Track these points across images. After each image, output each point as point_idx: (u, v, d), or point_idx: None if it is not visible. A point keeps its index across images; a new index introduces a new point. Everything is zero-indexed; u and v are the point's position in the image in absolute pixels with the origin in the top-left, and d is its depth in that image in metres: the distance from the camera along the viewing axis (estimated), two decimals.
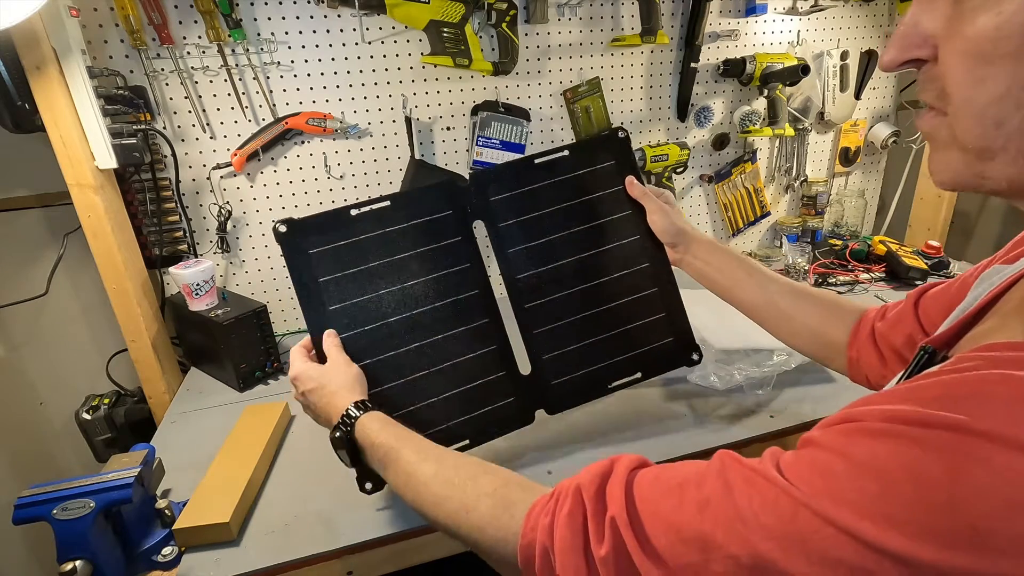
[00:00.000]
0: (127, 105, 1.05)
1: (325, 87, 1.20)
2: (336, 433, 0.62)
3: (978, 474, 0.28)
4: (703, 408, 0.92)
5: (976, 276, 0.51)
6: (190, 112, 1.13)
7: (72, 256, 1.20)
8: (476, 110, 1.31)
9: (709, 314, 0.85)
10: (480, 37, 1.24)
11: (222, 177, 1.19)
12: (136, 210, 1.14)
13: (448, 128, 1.32)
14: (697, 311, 0.83)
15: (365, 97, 1.23)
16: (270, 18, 1.13)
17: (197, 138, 1.15)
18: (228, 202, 1.20)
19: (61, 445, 1.33)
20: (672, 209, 0.79)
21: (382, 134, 1.27)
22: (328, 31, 1.17)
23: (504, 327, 0.79)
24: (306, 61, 1.17)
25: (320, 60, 1.18)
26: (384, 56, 1.22)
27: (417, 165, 1.26)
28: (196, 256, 1.20)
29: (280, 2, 1.12)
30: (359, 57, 1.20)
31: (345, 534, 0.72)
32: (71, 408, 1.13)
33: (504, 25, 1.21)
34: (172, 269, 1.08)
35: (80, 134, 0.95)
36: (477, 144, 1.32)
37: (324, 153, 1.24)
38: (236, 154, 1.15)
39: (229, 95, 1.14)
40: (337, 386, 0.66)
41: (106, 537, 0.66)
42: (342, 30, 1.17)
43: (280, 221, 0.70)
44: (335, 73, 1.20)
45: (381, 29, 1.20)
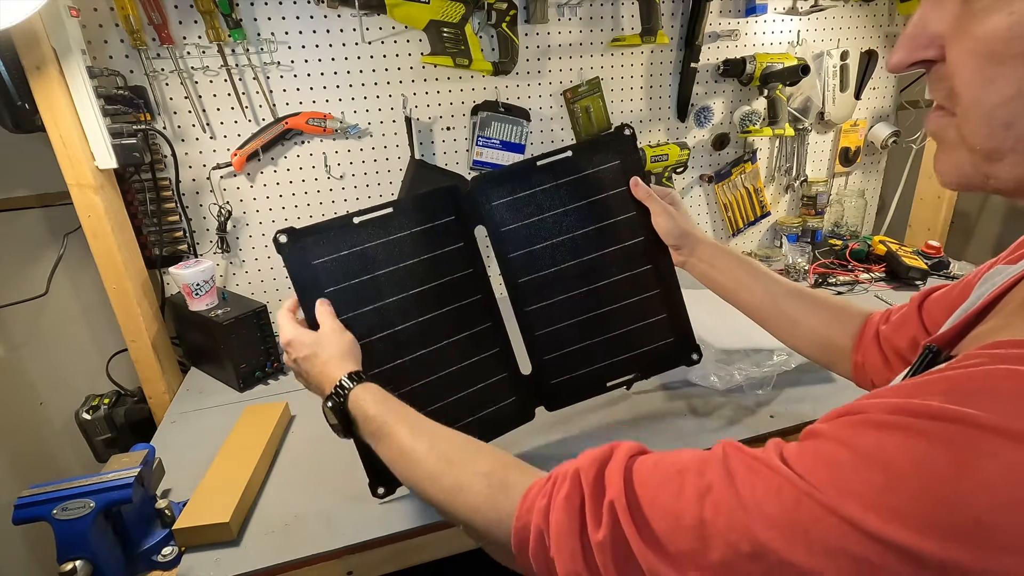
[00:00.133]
0: (127, 105, 1.05)
1: (325, 87, 1.20)
2: (329, 403, 0.61)
3: (985, 468, 0.28)
4: (703, 408, 0.92)
5: (979, 277, 0.51)
6: (190, 112, 1.13)
7: (72, 256, 1.20)
8: (476, 110, 1.31)
9: (709, 314, 0.85)
10: (480, 37, 1.24)
11: (222, 177, 1.19)
12: (136, 210, 1.14)
13: (448, 128, 1.32)
14: (697, 311, 0.83)
15: (365, 97, 1.23)
16: (270, 18, 1.13)
17: (197, 138, 1.15)
18: (228, 202, 1.20)
19: (61, 445, 1.33)
20: (677, 211, 0.78)
21: (382, 134, 1.27)
22: (328, 31, 1.17)
23: (505, 328, 0.78)
24: (306, 61, 1.17)
25: (320, 60, 1.18)
26: (384, 56, 1.22)
27: (417, 165, 1.26)
28: (196, 256, 1.20)
29: (280, 2, 1.12)
30: (359, 57, 1.20)
31: (345, 534, 0.71)
32: (71, 408, 1.13)
33: (504, 25, 1.21)
34: (172, 269, 1.08)
35: (80, 134, 0.95)
36: (477, 144, 1.32)
37: (324, 153, 1.24)
38: (236, 154, 1.15)
39: (229, 95, 1.14)
40: (331, 354, 0.64)
41: (106, 537, 0.66)
42: (342, 30, 1.17)
43: (281, 231, 0.67)
44: (335, 73, 1.20)
45: (381, 29, 1.20)
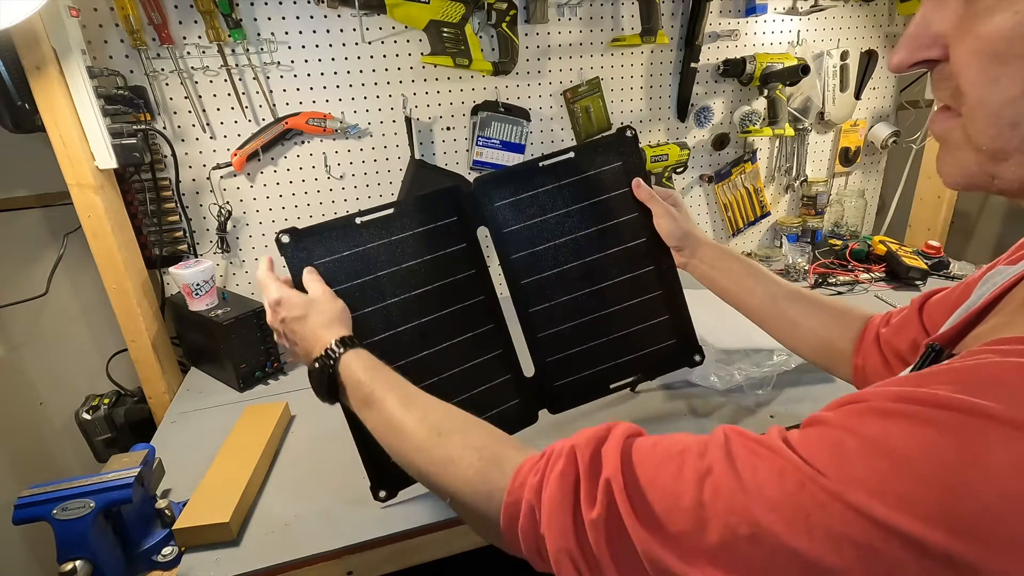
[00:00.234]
0: (127, 105, 1.05)
1: (325, 87, 1.20)
2: (317, 364, 0.60)
3: (994, 459, 0.28)
4: (703, 408, 0.92)
5: (979, 279, 0.51)
6: (190, 112, 1.13)
7: (72, 256, 1.20)
8: (476, 110, 1.31)
9: (709, 314, 0.85)
10: (480, 37, 1.24)
11: (222, 177, 1.19)
12: (136, 210, 1.14)
13: (448, 128, 1.32)
14: (697, 311, 0.83)
15: (365, 97, 1.23)
16: (270, 18, 1.13)
17: (197, 138, 1.15)
18: (228, 202, 1.20)
19: (61, 445, 1.33)
20: (679, 212, 0.78)
21: (382, 134, 1.27)
22: (328, 31, 1.17)
23: (508, 330, 0.78)
24: (306, 61, 1.17)
25: (320, 60, 1.18)
26: (384, 56, 1.22)
27: (417, 165, 1.26)
28: (196, 256, 1.20)
29: (280, 2, 1.12)
30: (359, 57, 1.20)
31: (345, 534, 0.71)
32: (71, 408, 1.13)
33: (504, 25, 1.21)
34: (172, 269, 1.08)
35: (80, 134, 0.95)
36: (477, 144, 1.32)
37: (324, 153, 1.24)
38: (236, 154, 1.15)
39: (229, 95, 1.14)
40: (324, 318, 0.63)
41: (106, 537, 0.66)
42: (342, 30, 1.17)
43: (283, 231, 0.67)
44: (335, 73, 1.20)
45: (381, 29, 1.20)
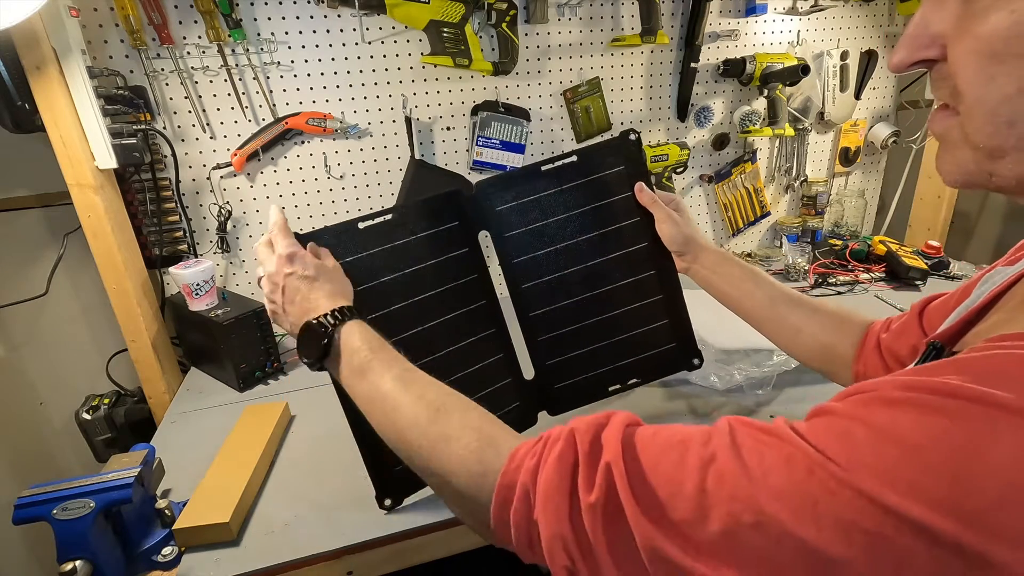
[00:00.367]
0: (127, 105, 1.05)
1: (325, 87, 1.20)
2: (315, 322, 0.57)
3: (1006, 448, 0.28)
4: (703, 408, 0.92)
5: (978, 281, 0.51)
6: (190, 112, 1.13)
7: (72, 256, 1.20)
8: (476, 110, 1.31)
9: (709, 314, 0.85)
10: (480, 37, 1.24)
11: (222, 177, 1.19)
12: (136, 210, 1.14)
13: (448, 128, 1.32)
14: (697, 311, 0.83)
15: (365, 97, 1.23)
16: (270, 18, 1.13)
17: (197, 138, 1.15)
18: (228, 202, 1.20)
19: (61, 445, 1.33)
20: (681, 217, 0.78)
21: (382, 134, 1.27)
22: (328, 31, 1.17)
23: (509, 333, 0.78)
24: (306, 61, 1.17)
25: (320, 60, 1.18)
26: (384, 56, 1.22)
27: (417, 165, 1.26)
28: (196, 256, 1.20)
29: (280, 2, 1.12)
30: (359, 57, 1.20)
31: (345, 534, 0.71)
32: (71, 408, 1.13)
33: (504, 25, 1.21)
34: (172, 269, 1.08)
35: (80, 134, 0.95)
36: (477, 144, 1.32)
37: (324, 153, 1.24)
38: (236, 154, 1.15)
39: (229, 95, 1.14)
40: (334, 287, 0.62)
41: (106, 537, 0.66)
42: (342, 30, 1.17)
43: None
44: (335, 73, 1.20)
45: (381, 29, 1.20)
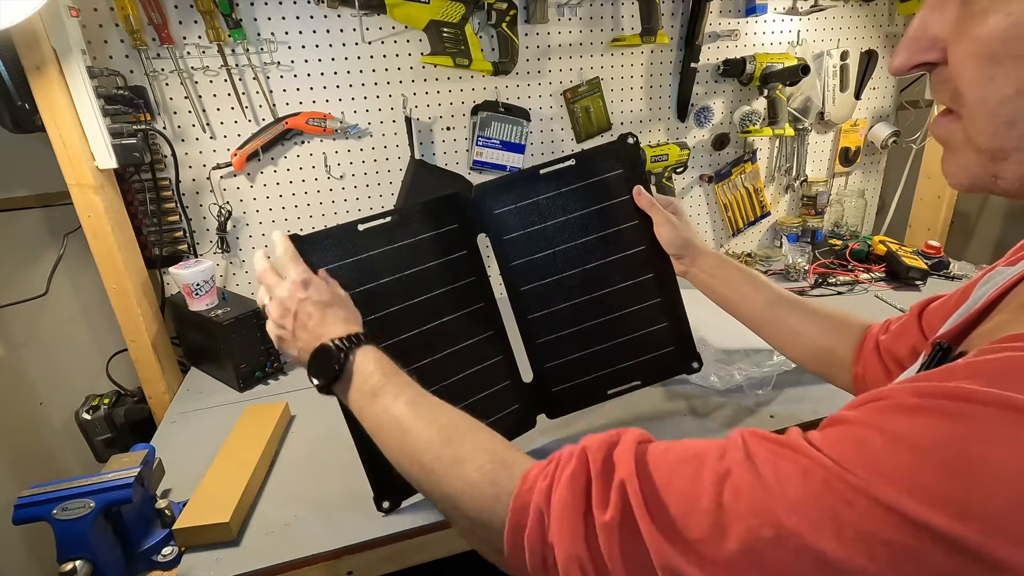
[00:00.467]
0: (127, 105, 1.05)
1: (325, 87, 1.20)
2: (331, 345, 0.58)
3: (1022, 451, 0.27)
4: (703, 408, 0.92)
5: (977, 282, 0.51)
6: (190, 112, 1.13)
7: (72, 256, 1.20)
8: (476, 110, 1.31)
9: (709, 314, 0.85)
10: (480, 37, 1.24)
11: (222, 177, 1.19)
12: (136, 210, 1.14)
13: (448, 128, 1.32)
14: (697, 311, 0.83)
15: (365, 97, 1.23)
16: (270, 18, 1.13)
17: (197, 138, 1.15)
18: (228, 202, 1.20)
19: (61, 445, 1.33)
20: (679, 220, 0.78)
21: (382, 134, 1.27)
22: (328, 31, 1.17)
23: (507, 336, 0.78)
24: (306, 61, 1.17)
25: (320, 60, 1.18)
26: (384, 56, 1.22)
27: (417, 165, 1.26)
28: (196, 256, 1.20)
29: (280, 2, 1.12)
30: (359, 57, 1.20)
31: (345, 534, 0.71)
32: (71, 408, 1.13)
33: (504, 25, 1.21)
34: (172, 269, 1.08)
35: (80, 134, 0.95)
36: (477, 144, 1.32)
37: (324, 153, 1.24)
38: (236, 154, 1.15)
39: (229, 95, 1.14)
40: (347, 313, 0.62)
41: (106, 537, 0.66)
42: (342, 30, 1.17)
43: (287, 237, 0.67)
44: (335, 73, 1.20)
45: (381, 29, 1.20)
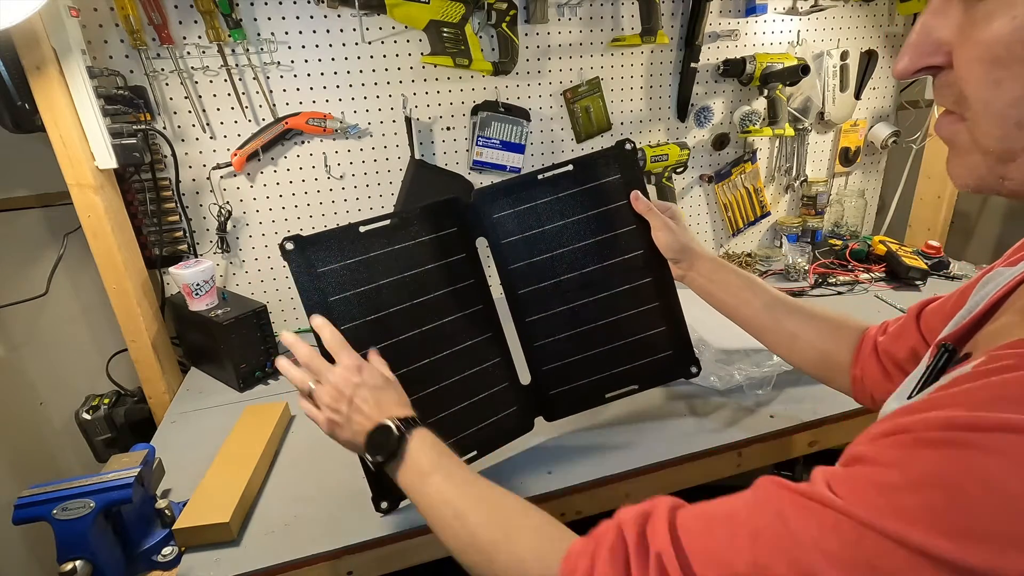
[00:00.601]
0: (127, 105, 1.05)
1: (325, 87, 1.20)
2: (391, 426, 0.59)
3: None
4: (703, 408, 0.92)
5: (976, 283, 0.51)
6: (190, 112, 1.13)
7: (72, 256, 1.21)
8: (476, 110, 1.31)
9: (708, 314, 0.85)
10: (480, 37, 1.24)
11: (222, 177, 1.19)
12: (136, 210, 1.14)
13: (448, 128, 1.32)
14: (697, 311, 0.83)
15: (365, 97, 1.23)
16: (270, 18, 1.13)
17: (197, 138, 1.15)
18: (228, 202, 1.20)
19: (61, 445, 1.33)
20: (677, 225, 0.79)
21: (382, 134, 1.27)
22: (328, 31, 1.17)
23: (505, 338, 0.79)
24: (306, 61, 1.17)
25: (320, 60, 1.18)
26: (384, 56, 1.22)
27: (417, 165, 1.26)
28: (196, 256, 1.20)
29: (280, 2, 1.12)
30: (359, 57, 1.20)
31: (345, 534, 0.71)
32: (71, 408, 1.13)
33: (504, 25, 1.21)
34: (172, 269, 1.08)
35: (80, 134, 0.95)
36: (477, 144, 1.32)
37: (324, 153, 1.24)
38: (236, 154, 1.15)
39: (229, 95, 1.14)
40: (400, 397, 0.64)
41: (106, 537, 0.66)
42: (342, 30, 1.17)
43: (288, 238, 0.68)
44: (335, 73, 1.20)
45: (381, 29, 1.20)
